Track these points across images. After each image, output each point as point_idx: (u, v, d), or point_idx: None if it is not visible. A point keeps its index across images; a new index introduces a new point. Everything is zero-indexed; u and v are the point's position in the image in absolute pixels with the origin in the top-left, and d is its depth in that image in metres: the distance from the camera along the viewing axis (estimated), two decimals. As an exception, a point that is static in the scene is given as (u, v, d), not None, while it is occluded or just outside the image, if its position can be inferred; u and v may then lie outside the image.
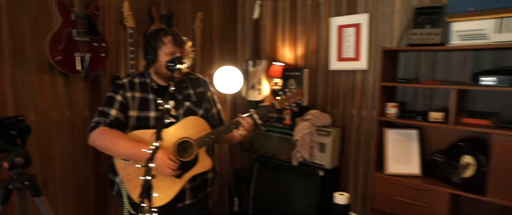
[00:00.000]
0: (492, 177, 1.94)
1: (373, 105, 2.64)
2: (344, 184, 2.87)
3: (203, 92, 1.92)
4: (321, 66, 2.94)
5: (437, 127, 2.32)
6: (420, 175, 2.32)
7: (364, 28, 2.64)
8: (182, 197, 1.79)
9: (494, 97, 2.17)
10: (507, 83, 1.89)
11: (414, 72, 2.47)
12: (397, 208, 2.31)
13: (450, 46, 2.09)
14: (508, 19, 1.89)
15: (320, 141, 2.73)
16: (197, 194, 1.87)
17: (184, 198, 1.81)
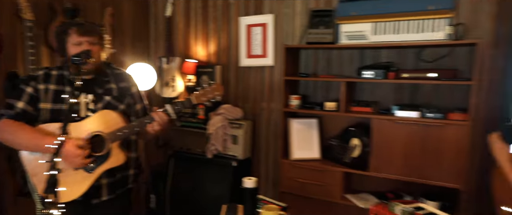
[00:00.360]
0: (373, 155, 2.32)
1: (280, 98, 2.90)
2: (257, 172, 3.09)
3: (127, 87, 1.88)
4: (232, 63, 3.11)
5: (332, 115, 2.66)
6: (319, 159, 2.64)
7: (270, 28, 2.88)
8: (97, 193, 1.76)
9: (375, 88, 2.58)
10: (381, 76, 2.28)
11: (313, 67, 2.79)
12: (302, 189, 2.59)
13: (339, 44, 2.42)
14: (379, 23, 2.27)
15: (232, 134, 2.89)
16: (115, 190, 1.83)
17: (101, 194, 1.78)
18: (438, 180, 2.16)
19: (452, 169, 2.11)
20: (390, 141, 2.27)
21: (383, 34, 2.29)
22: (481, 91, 2.22)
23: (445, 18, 2.11)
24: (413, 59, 2.43)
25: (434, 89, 2.38)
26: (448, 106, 2.31)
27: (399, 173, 2.27)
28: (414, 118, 2.20)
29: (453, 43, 2.11)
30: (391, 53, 2.50)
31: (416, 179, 2.22)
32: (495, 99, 2.20)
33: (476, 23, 2.21)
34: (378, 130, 2.30)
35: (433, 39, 2.15)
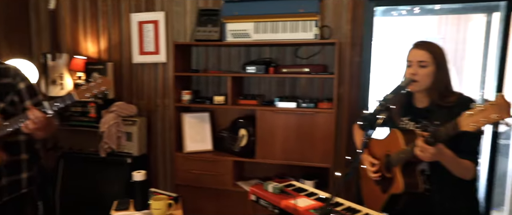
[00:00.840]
0: (258, 143, 2.55)
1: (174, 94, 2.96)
2: (154, 167, 3.11)
3: (10, 83, 1.70)
4: (125, 60, 3.07)
5: (222, 109, 2.82)
6: (212, 150, 2.79)
7: (161, 25, 2.91)
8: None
9: (261, 83, 2.82)
10: (262, 71, 2.51)
11: (204, 64, 2.92)
12: (196, 180, 2.70)
13: (225, 42, 2.58)
14: (260, 23, 2.50)
15: (126, 131, 2.87)
16: (1, 197, 1.67)
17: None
18: (312, 161, 2.48)
19: (322, 151, 2.44)
20: (272, 129, 2.52)
21: (264, 33, 2.52)
22: (344, 83, 2.61)
23: (313, 20, 2.42)
24: (291, 56, 2.73)
25: (309, 82, 2.71)
26: (320, 97, 2.66)
27: (281, 158, 2.53)
28: (292, 108, 2.48)
29: (319, 42, 2.44)
30: (273, 51, 2.76)
31: (296, 162, 2.51)
32: (356, 90, 2.61)
33: (338, 26, 2.58)
34: (261, 120, 2.53)
35: (304, 38, 2.44)
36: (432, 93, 1.50)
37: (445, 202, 1.48)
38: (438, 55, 1.49)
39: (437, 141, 1.26)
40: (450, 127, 1.19)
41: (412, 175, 1.47)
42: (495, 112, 1.03)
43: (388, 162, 1.57)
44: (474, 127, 1.09)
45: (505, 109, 1.02)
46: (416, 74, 1.49)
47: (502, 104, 1.03)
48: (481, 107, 1.08)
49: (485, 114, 1.06)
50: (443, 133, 1.22)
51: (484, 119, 1.05)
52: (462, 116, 1.14)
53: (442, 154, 1.32)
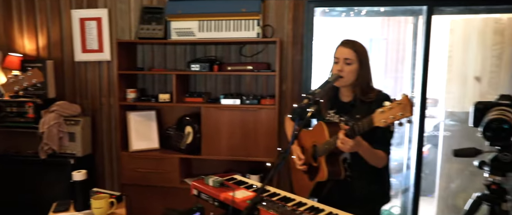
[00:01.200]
0: (204, 140, 2.59)
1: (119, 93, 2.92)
2: (100, 167, 3.05)
3: None
4: (66, 57, 2.97)
5: (169, 106, 2.83)
6: (158, 148, 2.79)
7: (105, 22, 2.86)
8: None
9: (207, 80, 2.86)
10: (206, 68, 2.56)
11: (150, 62, 2.90)
12: (143, 179, 2.69)
13: (170, 40, 2.60)
14: (204, 22, 2.55)
15: (69, 131, 2.78)
16: None
17: None
18: (257, 157, 2.57)
19: (266, 146, 2.54)
20: (217, 126, 2.57)
21: (208, 32, 2.57)
22: (286, 80, 2.73)
23: (255, 20, 2.51)
24: (236, 54, 2.80)
25: (253, 80, 2.80)
26: (264, 93, 2.76)
27: (227, 154, 2.59)
28: (236, 105, 2.56)
29: (261, 40, 2.53)
30: (218, 49, 2.81)
31: (241, 157, 2.59)
32: (298, 87, 2.73)
33: (281, 26, 2.69)
34: (206, 118, 2.58)
35: (246, 37, 2.52)
36: (355, 88, 1.64)
37: (363, 187, 1.64)
38: (361, 54, 1.63)
39: (355, 134, 1.38)
40: (365, 122, 1.32)
41: (335, 164, 1.60)
42: (400, 110, 1.17)
43: (315, 152, 1.69)
44: (384, 123, 1.22)
45: (408, 108, 1.16)
46: (342, 71, 1.62)
47: (406, 103, 1.16)
48: (390, 106, 1.21)
49: (392, 112, 1.19)
50: (360, 128, 1.35)
51: (392, 116, 1.19)
52: (375, 112, 1.27)
53: (359, 146, 1.45)
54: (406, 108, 1.16)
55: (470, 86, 3.41)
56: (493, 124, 1.16)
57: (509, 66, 3.16)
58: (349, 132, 1.41)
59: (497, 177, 1.22)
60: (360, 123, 1.36)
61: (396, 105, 1.19)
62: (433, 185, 3.94)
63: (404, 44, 5.43)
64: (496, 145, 1.19)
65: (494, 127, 1.16)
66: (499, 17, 3.20)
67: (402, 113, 1.16)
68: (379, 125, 1.25)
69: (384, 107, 1.23)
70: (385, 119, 1.22)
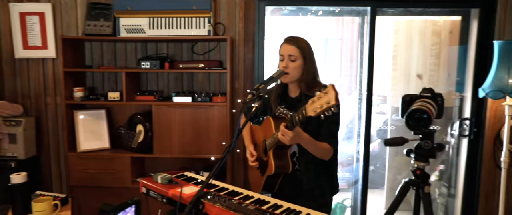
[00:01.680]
0: (155, 138, 2.56)
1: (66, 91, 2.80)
2: (47, 170, 2.91)
3: None
4: (5, 54, 2.80)
5: (120, 105, 2.76)
6: (109, 148, 2.71)
7: (48, 17, 2.73)
8: None
9: (159, 78, 2.83)
10: (157, 66, 2.53)
11: (99, 59, 2.81)
12: (92, 180, 2.60)
13: (119, 37, 2.54)
14: (154, 18, 2.51)
15: (9, 132, 2.63)
16: None
17: None
18: (210, 154, 2.57)
19: (218, 143, 2.56)
20: (169, 124, 2.55)
21: (158, 29, 2.54)
22: (238, 78, 2.76)
23: (206, 17, 2.52)
24: (188, 52, 2.79)
25: (205, 78, 2.80)
26: (217, 91, 2.77)
27: (179, 152, 2.58)
28: (188, 102, 2.55)
29: (212, 38, 2.54)
30: (170, 46, 2.79)
31: (194, 155, 2.58)
32: (250, 84, 2.78)
33: (232, 24, 2.72)
34: (158, 116, 2.55)
35: (197, 35, 2.52)
36: (301, 84, 1.70)
37: (311, 180, 1.70)
38: (305, 49, 1.69)
39: (293, 126, 1.44)
40: (300, 113, 1.38)
41: (283, 157, 1.65)
42: (327, 99, 1.23)
43: (265, 146, 1.74)
44: (315, 113, 1.28)
45: (333, 96, 1.21)
46: (287, 67, 1.67)
47: (331, 92, 1.22)
48: (318, 95, 1.27)
49: (320, 102, 1.25)
50: (296, 118, 1.41)
51: (320, 105, 1.25)
52: (307, 103, 1.33)
53: (300, 138, 1.51)
54: (331, 97, 1.21)
55: (413, 83, 3.65)
56: (415, 115, 1.26)
57: (445, 65, 3.42)
58: (288, 124, 1.46)
59: (421, 163, 1.34)
60: (296, 114, 1.41)
61: (323, 94, 1.25)
62: (383, 178, 4.16)
63: (357, 43, 5.64)
64: (418, 134, 1.29)
65: (415, 117, 1.26)
66: (436, 19, 3.45)
67: (328, 102, 1.22)
68: (311, 115, 1.30)
69: (314, 97, 1.29)
70: (315, 109, 1.27)
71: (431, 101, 1.34)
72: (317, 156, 1.63)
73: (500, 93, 2.41)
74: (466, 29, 2.95)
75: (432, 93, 1.36)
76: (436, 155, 1.30)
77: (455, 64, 3.21)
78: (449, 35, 3.44)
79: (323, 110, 1.25)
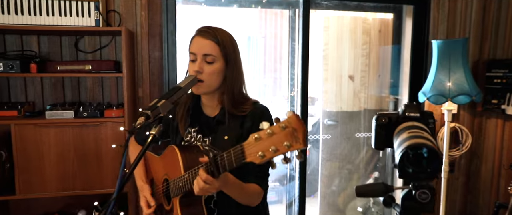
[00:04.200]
0: (18, 173, 1.79)
1: None
2: None
3: None
4: None
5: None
6: None
7: None
8: None
9: (29, 85, 2.04)
10: (17, 68, 1.75)
11: None
12: None
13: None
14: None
15: None
16: None
17: None
18: (102, 188, 1.89)
19: (115, 173, 1.89)
20: (39, 151, 1.80)
21: (18, 15, 1.77)
22: (143, 84, 2.12)
23: (92, 2, 1.83)
24: (71, 49, 2.05)
25: (97, 84, 2.10)
26: (112, 101, 2.09)
27: (57, 189, 1.85)
28: (67, 119, 1.83)
29: (100, 30, 1.86)
30: (44, 41, 2.02)
31: (79, 191, 1.88)
32: (159, 92, 2.16)
33: (131, 12, 2.07)
34: (21, 139, 1.78)
35: (79, 25, 1.83)
36: (223, 97, 1.16)
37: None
38: (228, 47, 1.14)
39: (220, 173, 0.90)
40: (234, 155, 0.84)
41: (194, 205, 1.09)
42: (286, 138, 0.71)
43: (167, 189, 1.17)
44: (261, 159, 0.75)
45: (300, 136, 0.71)
46: (201, 71, 1.11)
47: (296, 129, 0.71)
48: (269, 131, 0.74)
49: (274, 141, 0.73)
50: (226, 163, 0.87)
51: (274, 148, 0.72)
52: (248, 140, 0.79)
53: (226, 184, 0.98)
54: (296, 136, 0.72)
55: (344, 84, 3.38)
56: (409, 153, 0.81)
57: (376, 66, 3.21)
58: (209, 168, 0.92)
59: (410, 221, 0.91)
60: (227, 156, 0.87)
61: (280, 129, 0.73)
62: (315, 185, 3.87)
63: (281, 40, 5.31)
64: (416, 181, 0.85)
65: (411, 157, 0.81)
66: (366, 17, 3.22)
67: (290, 144, 0.72)
68: (254, 161, 0.78)
69: (261, 132, 0.77)
70: (263, 152, 0.76)
71: (423, 125, 0.92)
72: (242, 203, 1.11)
73: (442, 98, 2.19)
74: (398, 27, 2.74)
75: (421, 113, 0.95)
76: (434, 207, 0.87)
77: (388, 65, 3.00)
78: (378, 34, 3.23)
79: (277, 156, 0.73)
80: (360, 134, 3.29)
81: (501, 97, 2.33)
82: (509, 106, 2.28)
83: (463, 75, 2.17)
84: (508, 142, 2.42)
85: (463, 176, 2.69)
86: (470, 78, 2.18)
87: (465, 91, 2.15)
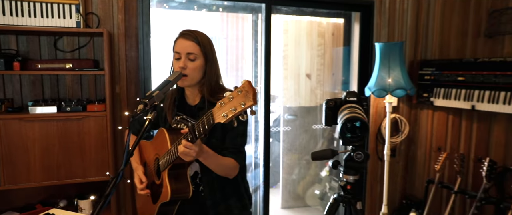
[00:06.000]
0: (3, 165, 1.90)
1: None
2: None
3: None
4: None
5: None
6: None
7: None
8: None
9: (8, 83, 2.13)
10: (1, 66, 1.87)
11: None
12: None
13: None
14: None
15: None
16: None
17: None
18: (86, 177, 2.05)
19: (98, 162, 2.06)
20: (24, 144, 1.92)
21: (2, 16, 1.88)
22: (120, 81, 2.29)
23: (73, 4, 1.98)
24: (50, 48, 2.18)
25: (76, 81, 2.24)
26: (92, 98, 2.24)
27: (42, 179, 1.98)
28: (51, 114, 1.97)
29: (82, 31, 2.02)
30: (24, 41, 2.13)
31: (64, 180, 2.02)
32: (136, 88, 2.33)
33: (108, 15, 2.23)
34: (6, 134, 1.89)
35: (61, 26, 1.97)
36: (203, 88, 1.41)
37: (218, 204, 1.43)
38: (206, 46, 1.39)
39: (196, 136, 1.14)
40: (205, 119, 1.09)
41: (181, 179, 1.33)
42: (242, 99, 0.97)
43: (158, 166, 1.39)
44: (226, 118, 1.00)
45: (251, 95, 0.95)
46: (185, 68, 1.35)
47: (248, 90, 0.96)
48: (230, 96, 1.00)
49: (233, 103, 0.98)
50: (200, 127, 1.11)
51: (233, 108, 0.98)
52: (216, 106, 1.04)
53: (203, 152, 1.22)
54: (248, 96, 0.95)
55: (302, 82, 3.73)
56: (348, 124, 1.12)
57: (330, 65, 3.59)
58: (190, 135, 1.16)
59: (351, 177, 1.21)
60: (201, 122, 1.10)
61: (237, 93, 0.98)
62: (277, 177, 4.18)
63: (243, 41, 5.58)
64: (352, 145, 1.16)
65: (349, 127, 1.12)
66: (321, 21, 3.59)
67: (244, 103, 0.96)
68: (220, 121, 1.02)
69: (224, 99, 1.01)
70: (226, 113, 1.00)
71: (358, 105, 1.23)
72: (220, 174, 1.36)
73: (383, 92, 2.58)
74: (348, 31, 3.12)
75: (357, 97, 1.26)
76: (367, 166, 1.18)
77: (340, 64, 3.38)
78: (331, 37, 3.61)
79: (237, 114, 0.98)
80: (316, 126, 3.65)
81: (430, 91, 2.77)
82: (437, 99, 2.73)
83: (400, 72, 2.58)
84: (437, 129, 2.88)
85: (403, 160, 3.13)
86: (405, 75, 2.60)
87: (402, 86, 2.55)
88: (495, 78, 2.32)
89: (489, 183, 2.28)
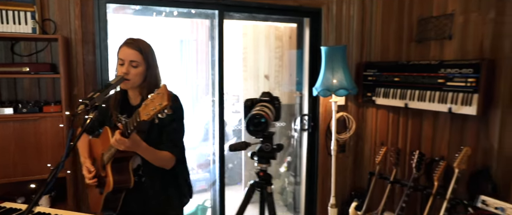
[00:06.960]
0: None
1: None
2: None
3: None
4: None
5: None
6: None
7: None
8: None
9: None
10: (-42, 71, 1.97)
11: None
12: None
13: None
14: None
15: None
16: None
17: None
18: (42, 174, 2.17)
19: (54, 160, 2.18)
20: (-19, 143, 2.04)
21: None
22: (78, 84, 2.42)
23: (29, 12, 2.11)
24: (6, 53, 2.28)
25: (34, 84, 2.36)
26: (49, 100, 2.36)
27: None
28: (8, 114, 2.08)
29: (37, 37, 2.15)
30: (-20, 46, 2.23)
31: (20, 178, 2.14)
32: (92, 90, 2.46)
33: (66, 21, 2.36)
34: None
35: (17, 32, 2.09)
36: (143, 90, 1.58)
37: (158, 193, 1.61)
38: (148, 54, 1.57)
39: (130, 133, 1.32)
40: (134, 117, 1.28)
41: (122, 171, 1.50)
42: (159, 100, 1.16)
43: (103, 161, 1.55)
44: (148, 116, 1.19)
45: (165, 96, 1.15)
46: (128, 73, 1.52)
47: (163, 92, 1.15)
48: (151, 97, 1.19)
49: (153, 104, 1.18)
50: (130, 124, 1.30)
51: (153, 108, 1.17)
52: (141, 106, 1.23)
53: (138, 146, 1.40)
54: (164, 97, 1.15)
55: (261, 83, 3.94)
56: (254, 120, 1.32)
57: (288, 66, 3.81)
58: (123, 130, 1.34)
59: (263, 165, 1.42)
60: (130, 120, 1.31)
61: (156, 96, 1.18)
62: (240, 174, 4.38)
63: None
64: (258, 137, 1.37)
65: (255, 122, 1.33)
66: (278, 25, 3.81)
67: (161, 103, 1.15)
68: (144, 118, 1.22)
69: (147, 100, 1.22)
70: (148, 112, 1.20)
71: (269, 104, 1.44)
72: (158, 165, 1.54)
73: (328, 92, 2.82)
74: (301, 35, 3.34)
75: (270, 97, 1.47)
76: (276, 156, 1.39)
77: (295, 66, 3.60)
78: (289, 40, 3.84)
79: (156, 113, 1.18)
80: (277, 125, 3.86)
81: (373, 91, 3.03)
82: (378, 98, 2.99)
83: (342, 74, 2.82)
84: (380, 126, 3.15)
85: (352, 155, 3.39)
86: (348, 76, 2.84)
87: (344, 86, 2.80)
88: (423, 79, 2.59)
89: (418, 172, 2.55)
